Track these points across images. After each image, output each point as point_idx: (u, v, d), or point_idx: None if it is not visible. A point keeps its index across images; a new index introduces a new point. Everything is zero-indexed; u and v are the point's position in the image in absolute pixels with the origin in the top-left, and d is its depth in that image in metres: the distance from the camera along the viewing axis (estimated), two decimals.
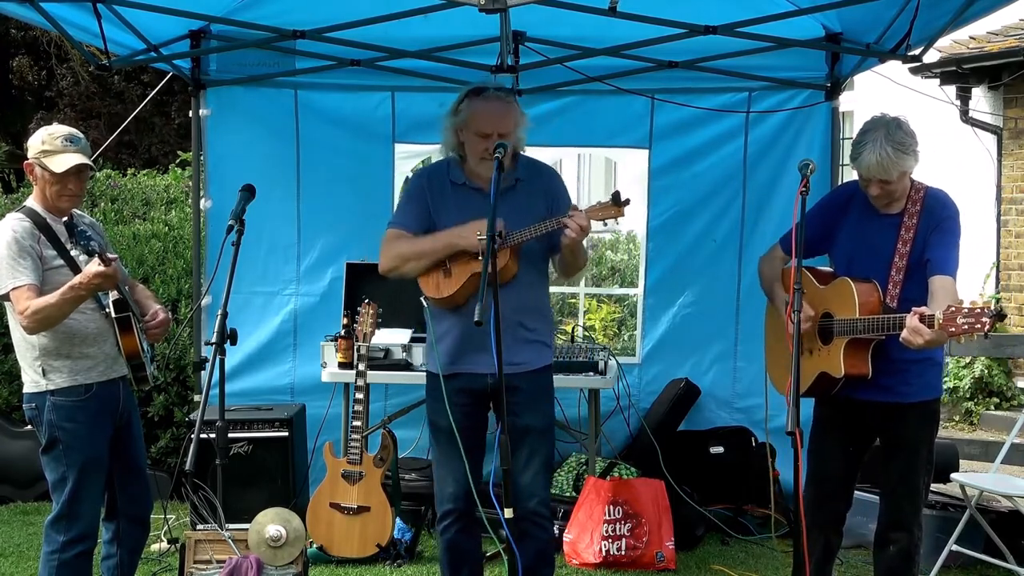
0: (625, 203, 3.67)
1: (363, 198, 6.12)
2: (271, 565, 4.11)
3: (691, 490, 5.67)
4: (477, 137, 3.75)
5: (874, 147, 3.69)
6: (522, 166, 3.90)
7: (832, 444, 3.96)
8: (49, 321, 3.70)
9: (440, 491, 3.88)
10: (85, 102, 13.93)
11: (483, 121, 3.75)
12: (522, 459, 3.77)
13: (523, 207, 3.77)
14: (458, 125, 3.82)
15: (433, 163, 4.09)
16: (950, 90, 9.86)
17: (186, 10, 5.25)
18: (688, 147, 6.09)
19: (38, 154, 3.81)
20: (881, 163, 3.68)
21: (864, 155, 3.72)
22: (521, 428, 3.78)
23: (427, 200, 3.87)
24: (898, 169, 3.71)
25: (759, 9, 5.00)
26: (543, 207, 3.80)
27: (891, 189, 3.77)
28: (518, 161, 3.89)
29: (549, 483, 4.04)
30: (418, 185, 3.96)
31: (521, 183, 3.86)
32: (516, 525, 3.77)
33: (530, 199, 3.82)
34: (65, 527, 3.82)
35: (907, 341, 3.45)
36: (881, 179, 3.73)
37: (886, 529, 3.90)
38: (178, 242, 7.22)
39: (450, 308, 3.81)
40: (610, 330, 9.34)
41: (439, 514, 3.90)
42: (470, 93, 3.83)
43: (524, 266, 3.80)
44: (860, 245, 3.88)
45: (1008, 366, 9.62)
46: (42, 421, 3.81)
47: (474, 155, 3.78)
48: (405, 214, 3.91)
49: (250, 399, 5.90)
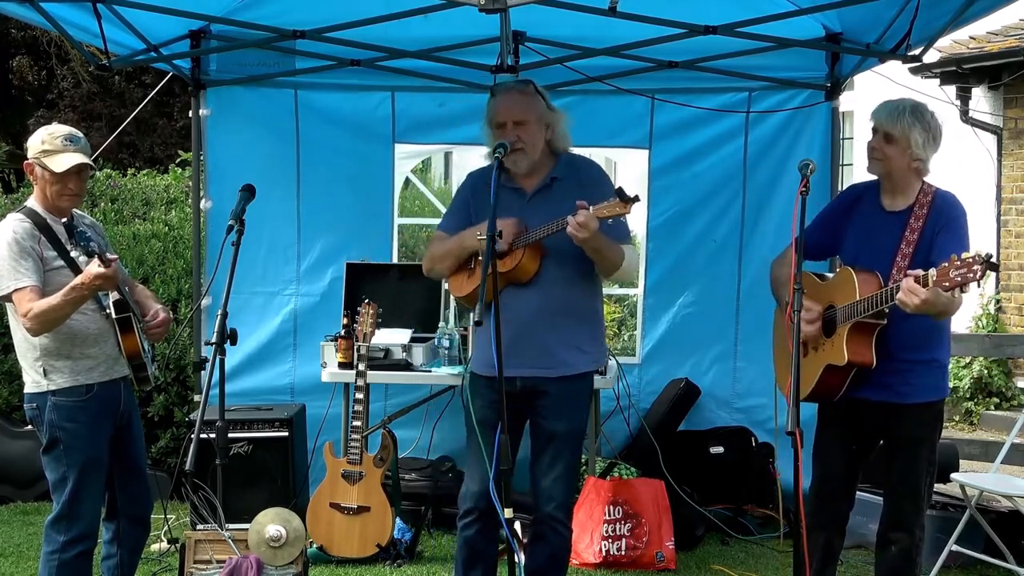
0: (633, 200, 3.62)
1: (363, 198, 6.13)
2: (271, 565, 4.11)
3: (691, 490, 5.67)
4: (496, 130, 3.78)
5: (896, 102, 3.78)
6: (561, 164, 3.89)
7: (835, 444, 3.95)
8: (51, 323, 3.71)
9: (466, 488, 3.89)
10: (86, 103, 13.93)
11: (497, 112, 3.80)
12: (545, 463, 3.78)
13: (555, 206, 3.73)
14: (486, 126, 3.87)
15: (483, 167, 4.08)
16: (950, 90, 9.86)
17: (186, 10, 5.25)
18: (688, 147, 6.08)
19: (38, 154, 3.81)
20: (891, 113, 3.74)
21: (882, 105, 3.79)
22: (548, 432, 3.79)
23: (469, 203, 3.93)
24: (903, 130, 3.72)
25: (759, 9, 5.00)
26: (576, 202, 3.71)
27: (888, 153, 3.77)
28: (558, 160, 3.89)
29: (571, 489, 4.00)
30: (463, 188, 4.05)
31: (557, 182, 3.85)
32: (532, 527, 3.84)
33: (565, 197, 3.74)
34: (65, 527, 3.82)
35: (902, 303, 3.42)
36: (885, 131, 3.75)
37: (887, 529, 3.89)
38: (178, 242, 7.22)
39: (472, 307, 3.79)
40: (610, 330, 9.34)
41: (461, 511, 3.90)
42: (492, 90, 3.91)
43: (552, 266, 3.78)
44: (865, 241, 3.88)
45: (1008, 366, 9.62)
46: (43, 421, 3.82)
47: None
48: (448, 218, 4.03)
49: (250, 399, 5.89)
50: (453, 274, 3.94)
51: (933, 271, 3.35)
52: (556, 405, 3.79)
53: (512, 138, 3.72)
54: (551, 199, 3.79)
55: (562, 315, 3.80)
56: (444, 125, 6.17)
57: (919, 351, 3.76)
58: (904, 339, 3.71)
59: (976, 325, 9.78)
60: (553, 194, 3.81)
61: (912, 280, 3.40)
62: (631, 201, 3.59)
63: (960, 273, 3.27)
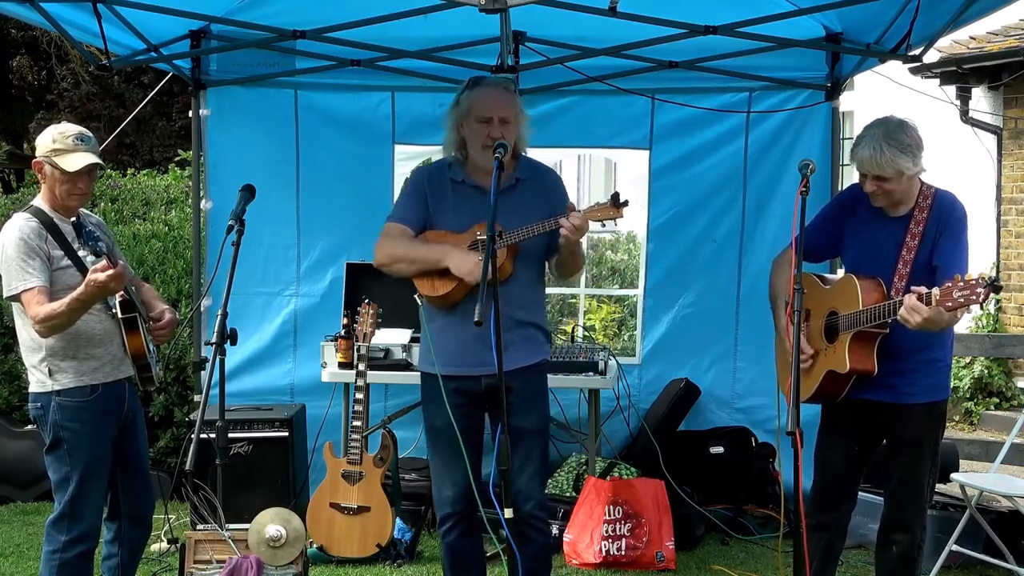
0: (624, 204, 3.66)
1: (363, 199, 6.12)
2: (271, 565, 4.11)
3: (691, 490, 5.67)
4: (479, 124, 3.74)
5: (870, 142, 3.69)
6: (522, 166, 3.89)
7: (837, 446, 3.95)
8: (61, 327, 3.72)
9: (438, 494, 3.86)
10: (85, 104, 13.93)
11: (483, 106, 3.74)
12: (517, 462, 3.69)
13: (523, 207, 3.75)
14: (459, 118, 3.81)
15: (434, 162, 4.09)
16: (950, 90, 9.86)
17: (186, 10, 5.25)
18: (688, 147, 6.08)
19: (49, 152, 3.79)
20: (873, 157, 3.67)
21: (859, 149, 3.73)
22: (515, 430, 3.71)
23: (426, 197, 3.87)
24: (892, 167, 3.67)
25: (759, 9, 5.00)
26: (544, 207, 3.76)
27: (888, 189, 3.74)
28: (519, 161, 3.88)
29: (545, 484, 4.02)
30: (418, 181, 3.96)
31: (522, 183, 3.85)
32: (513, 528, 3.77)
33: (531, 199, 3.80)
34: (67, 527, 3.82)
35: (904, 319, 3.44)
36: (875, 175, 3.71)
37: (888, 530, 3.89)
38: (178, 242, 7.22)
39: (445, 307, 3.80)
40: (610, 330, 9.34)
41: (439, 518, 3.88)
42: (470, 83, 3.85)
43: (521, 265, 3.80)
44: (867, 246, 3.87)
45: (1008, 366, 9.62)
46: (47, 421, 3.81)
47: (476, 144, 3.76)
48: (405, 208, 3.91)
49: (250, 399, 5.90)
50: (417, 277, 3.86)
51: (936, 290, 3.35)
52: (520, 401, 3.75)
53: (497, 135, 3.70)
54: (516, 200, 3.77)
55: (524, 312, 3.81)
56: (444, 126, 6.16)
57: (922, 352, 3.76)
58: (908, 340, 3.70)
59: (976, 325, 9.78)
60: (518, 195, 3.80)
61: (915, 298, 3.41)
62: (623, 205, 3.66)
63: (963, 295, 3.28)
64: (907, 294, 3.46)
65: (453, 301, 3.77)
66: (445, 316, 3.82)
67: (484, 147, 3.71)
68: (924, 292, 3.40)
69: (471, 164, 3.83)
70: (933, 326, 3.47)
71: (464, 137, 3.81)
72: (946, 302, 3.32)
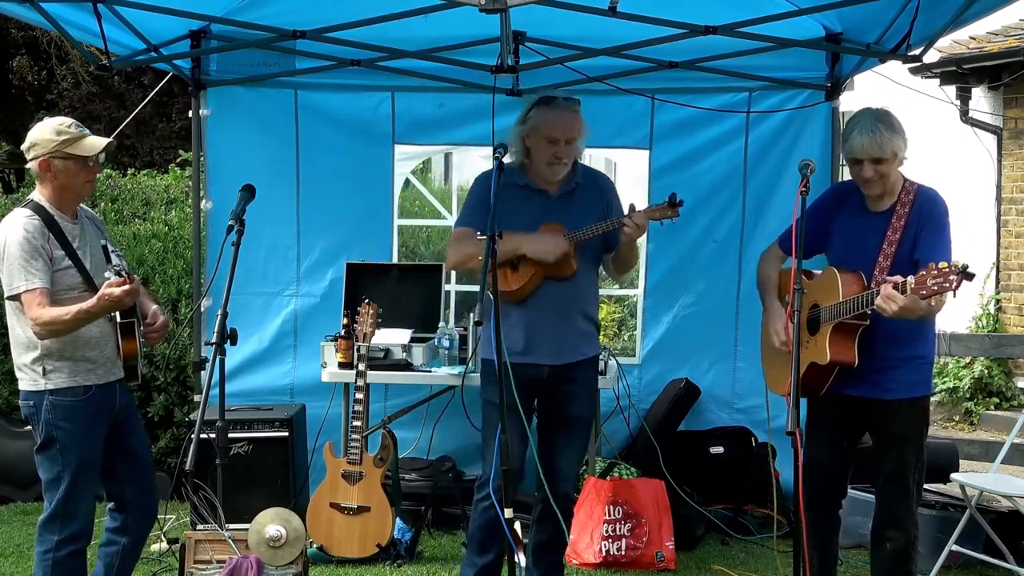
0: (679, 204, 4.08)
1: (363, 199, 6.14)
2: (271, 565, 4.11)
3: (691, 490, 5.67)
4: (546, 143, 4.11)
5: (864, 127, 3.77)
6: (580, 173, 4.28)
7: (822, 438, 4.00)
8: (61, 333, 3.73)
9: (486, 469, 4.03)
10: (85, 104, 13.91)
11: (552, 127, 4.11)
12: (562, 443, 4.17)
13: (583, 209, 4.18)
14: (526, 132, 4.17)
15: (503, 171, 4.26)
16: (950, 90, 9.86)
17: (186, 10, 5.24)
18: (688, 147, 6.08)
19: (58, 146, 3.78)
20: (873, 139, 3.74)
21: (855, 136, 3.79)
22: (569, 416, 4.21)
23: None
24: (891, 146, 3.75)
25: (759, 9, 4.99)
26: (600, 208, 4.21)
27: (885, 171, 3.79)
28: (577, 168, 4.26)
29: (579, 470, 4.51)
30: (481, 187, 4.24)
31: (579, 188, 4.25)
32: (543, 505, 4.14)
33: (589, 202, 4.23)
34: (59, 526, 3.82)
35: (880, 308, 3.52)
36: (875, 158, 3.76)
37: (881, 528, 3.93)
38: (178, 242, 7.22)
39: (515, 301, 4.11)
40: (610, 330, 9.34)
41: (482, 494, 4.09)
42: (539, 102, 4.20)
43: (582, 263, 4.17)
44: (850, 241, 3.93)
45: (1008, 366, 9.62)
46: (39, 419, 3.81)
47: (541, 159, 4.15)
48: (472, 213, 4.21)
49: (250, 399, 5.90)
50: None
51: (911, 278, 3.43)
52: (579, 390, 4.21)
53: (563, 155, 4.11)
54: (576, 202, 4.21)
55: (587, 305, 4.26)
56: (444, 126, 6.18)
57: (903, 348, 3.81)
58: (888, 336, 3.77)
59: (976, 325, 9.78)
60: (577, 199, 4.23)
61: (890, 287, 3.49)
62: (679, 205, 4.08)
63: (937, 282, 3.35)
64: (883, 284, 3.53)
65: (524, 295, 4.12)
66: (517, 310, 4.13)
67: (550, 164, 4.14)
68: (899, 281, 3.47)
69: (534, 171, 4.22)
70: (910, 314, 3.52)
71: (530, 148, 4.19)
72: (920, 290, 3.39)
